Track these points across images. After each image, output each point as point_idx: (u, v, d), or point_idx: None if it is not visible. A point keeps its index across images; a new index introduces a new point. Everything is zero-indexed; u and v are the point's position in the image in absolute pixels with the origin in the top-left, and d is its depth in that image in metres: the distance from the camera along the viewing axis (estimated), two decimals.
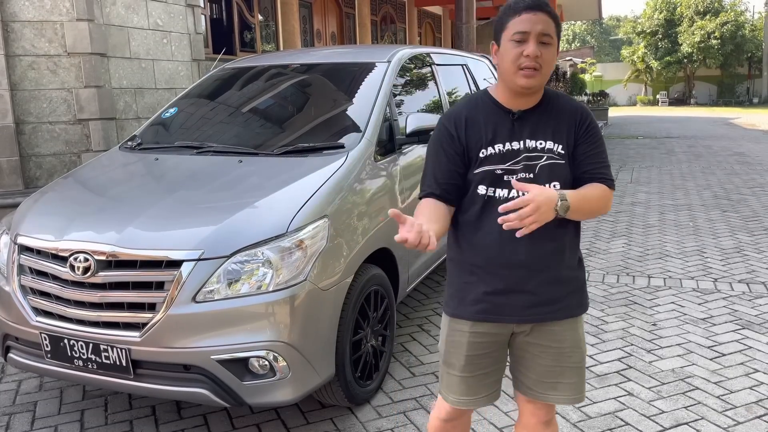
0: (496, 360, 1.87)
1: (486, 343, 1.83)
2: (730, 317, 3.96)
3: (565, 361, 1.82)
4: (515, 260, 1.73)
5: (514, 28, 1.66)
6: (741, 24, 38.51)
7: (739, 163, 11.35)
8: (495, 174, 1.73)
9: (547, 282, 1.76)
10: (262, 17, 11.57)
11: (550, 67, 1.69)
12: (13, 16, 5.30)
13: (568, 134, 1.75)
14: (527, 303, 1.76)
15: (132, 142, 3.64)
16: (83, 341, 2.47)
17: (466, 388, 1.87)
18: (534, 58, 1.64)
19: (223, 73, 4.14)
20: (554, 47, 1.69)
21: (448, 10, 20.63)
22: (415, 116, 3.42)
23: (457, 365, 1.85)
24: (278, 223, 2.50)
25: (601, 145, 1.78)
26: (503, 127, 1.74)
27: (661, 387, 3.08)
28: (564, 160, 1.74)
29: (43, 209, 2.93)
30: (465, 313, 1.82)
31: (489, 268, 1.76)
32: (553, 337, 1.81)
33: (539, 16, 1.65)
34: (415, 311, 4.17)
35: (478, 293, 1.79)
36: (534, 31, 1.64)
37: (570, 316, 1.82)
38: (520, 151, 1.73)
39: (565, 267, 1.79)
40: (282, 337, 2.39)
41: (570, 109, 1.78)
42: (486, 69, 5.55)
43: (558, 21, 1.71)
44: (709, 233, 6.14)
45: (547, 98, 1.78)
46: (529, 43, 1.64)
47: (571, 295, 1.81)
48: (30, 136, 5.50)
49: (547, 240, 1.72)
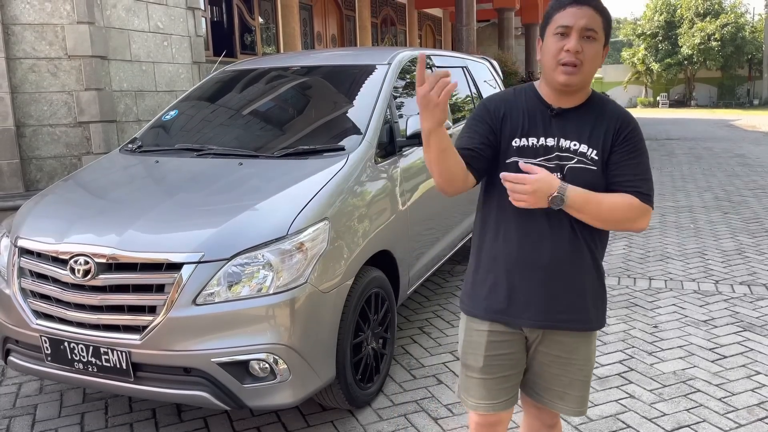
0: (516, 363, 1.81)
1: (506, 343, 1.78)
2: (732, 319, 3.95)
3: (576, 373, 1.79)
4: (537, 262, 1.68)
5: (557, 21, 1.61)
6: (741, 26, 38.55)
7: (739, 164, 11.34)
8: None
9: (567, 288, 1.71)
10: (263, 20, 11.58)
11: (593, 65, 1.62)
12: (13, 19, 5.30)
13: (605, 140, 1.67)
14: (543, 307, 1.71)
15: (132, 145, 3.64)
16: (83, 344, 2.46)
17: (485, 392, 1.81)
18: (575, 53, 1.58)
19: (224, 75, 4.15)
20: (599, 43, 1.62)
21: (448, 12, 20.66)
22: (416, 118, 3.41)
23: (475, 367, 1.80)
24: (279, 226, 2.50)
25: (640, 156, 1.68)
26: (540, 121, 1.69)
27: (663, 389, 3.07)
28: (596, 167, 1.66)
29: (44, 212, 2.93)
30: (480, 312, 1.78)
31: (509, 268, 1.72)
32: (564, 348, 1.77)
33: (584, 10, 1.59)
34: (415, 313, 4.17)
35: (494, 294, 1.75)
36: (577, 26, 1.58)
37: (586, 329, 1.76)
38: (553, 149, 1.67)
39: (586, 276, 1.73)
40: (282, 339, 2.39)
41: (613, 115, 1.70)
42: (486, 71, 5.55)
43: (607, 16, 1.63)
44: (710, 235, 6.13)
45: (592, 100, 1.72)
46: (571, 38, 1.58)
47: (590, 308, 1.75)
48: (30, 139, 5.50)
49: (571, 245, 1.68)
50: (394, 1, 17.07)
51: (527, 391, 1.88)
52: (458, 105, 4.60)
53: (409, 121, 3.37)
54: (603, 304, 1.80)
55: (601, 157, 1.67)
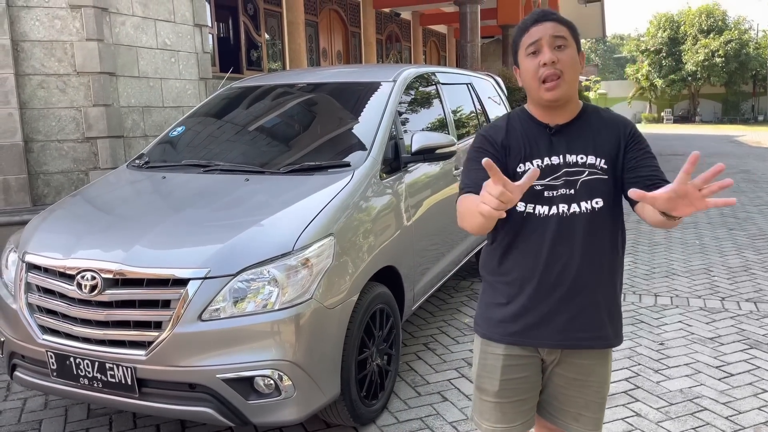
0: (532, 386, 1.78)
1: (521, 366, 1.75)
2: (738, 336, 3.93)
3: (592, 395, 1.77)
4: (553, 281, 1.66)
5: (526, 42, 1.64)
6: (745, 42, 38.65)
7: (745, 180, 11.32)
8: (534, 190, 1.64)
9: (585, 306, 1.68)
10: (269, 36, 11.69)
11: (573, 71, 1.63)
12: (23, 35, 5.38)
13: (611, 147, 1.66)
14: (561, 327, 1.68)
15: (140, 161, 3.67)
16: (89, 359, 2.47)
17: (501, 416, 1.77)
18: (551, 63, 1.59)
19: (231, 92, 4.18)
20: (572, 49, 1.63)
21: (452, 29, 20.80)
22: (421, 135, 3.43)
23: (490, 391, 1.77)
24: (284, 242, 2.51)
25: (650, 151, 1.68)
26: (541, 142, 1.68)
27: (670, 407, 3.05)
28: (607, 176, 1.65)
29: (51, 227, 2.95)
30: (496, 335, 1.76)
31: (524, 288, 1.69)
32: (581, 370, 1.75)
33: (546, 24, 1.62)
34: (420, 330, 4.16)
35: (509, 315, 1.72)
36: (545, 38, 1.61)
37: (606, 346, 1.74)
38: (560, 166, 1.66)
39: (603, 292, 1.70)
40: (287, 355, 2.39)
41: (612, 122, 1.71)
42: (491, 88, 5.59)
43: (571, 25, 1.65)
44: (715, 251, 6.11)
45: (585, 112, 1.72)
46: (544, 51, 1.60)
47: (607, 324, 1.72)
48: (38, 154, 5.55)
49: (585, 261, 1.66)
50: (398, 18, 17.21)
51: (541, 412, 1.86)
52: (462, 121, 4.62)
53: (415, 138, 3.39)
54: (620, 319, 1.78)
55: (611, 166, 1.66)
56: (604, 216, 1.67)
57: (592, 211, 1.65)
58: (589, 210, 1.65)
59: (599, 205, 1.65)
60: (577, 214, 1.65)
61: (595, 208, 1.65)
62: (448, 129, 4.22)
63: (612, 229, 1.70)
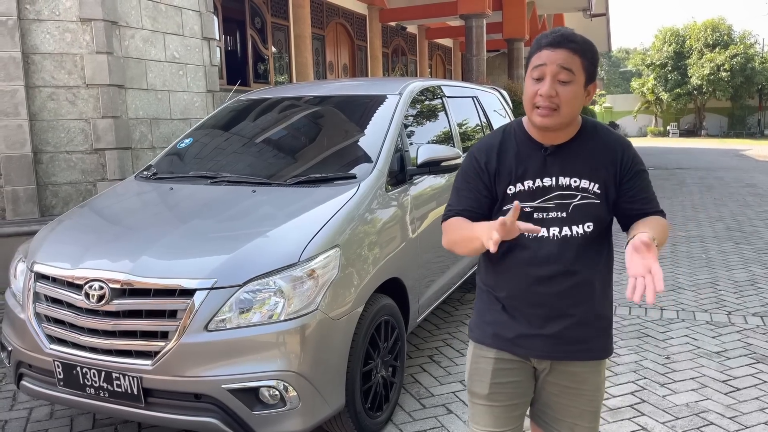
0: (523, 391, 1.80)
1: (512, 371, 1.77)
2: (745, 351, 3.91)
3: (586, 404, 1.77)
4: (540, 301, 1.68)
5: (533, 64, 1.60)
6: (751, 56, 38.62)
7: (751, 194, 11.29)
8: (524, 212, 1.66)
9: (574, 322, 1.70)
10: (276, 49, 11.79)
11: (570, 107, 1.59)
12: (34, 48, 5.45)
13: (607, 172, 1.66)
14: (548, 341, 1.71)
15: (147, 172, 3.70)
16: (96, 369, 2.48)
17: (492, 420, 1.79)
18: (547, 98, 1.57)
19: (238, 104, 4.22)
20: (576, 85, 1.58)
21: (458, 42, 20.93)
22: (426, 147, 3.45)
23: (481, 394, 1.79)
24: (290, 253, 2.53)
25: (644, 174, 1.70)
26: (534, 163, 1.67)
27: (676, 421, 3.04)
28: (599, 200, 1.66)
29: (60, 237, 2.98)
30: (487, 340, 1.79)
31: (514, 304, 1.73)
32: (573, 378, 1.75)
33: (558, 53, 1.56)
34: (425, 342, 4.16)
35: (502, 323, 1.75)
36: (550, 69, 1.56)
37: (593, 359, 1.75)
38: (552, 189, 1.66)
39: (593, 307, 1.71)
40: (292, 366, 2.40)
41: (609, 145, 1.68)
42: (496, 101, 5.61)
43: (587, 54, 1.59)
44: (722, 265, 6.09)
45: (584, 132, 1.69)
46: (545, 82, 1.57)
47: (596, 337, 1.74)
48: (47, 165, 5.60)
49: (576, 274, 1.67)
50: (405, 32, 17.33)
51: (537, 420, 1.87)
52: (468, 134, 4.65)
53: (420, 150, 3.41)
54: (609, 333, 1.79)
55: (604, 191, 1.66)
56: (594, 238, 1.69)
57: (583, 234, 1.66)
58: (581, 234, 1.66)
59: (590, 229, 1.67)
60: (569, 237, 1.66)
61: (586, 232, 1.67)
62: (454, 142, 4.25)
63: (600, 249, 1.72)
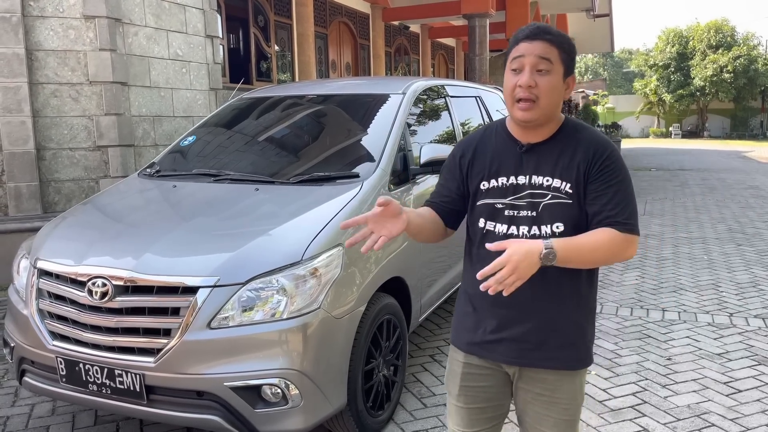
0: (493, 396, 1.77)
1: (479, 376, 1.76)
2: (747, 353, 3.91)
3: (561, 413, 1.70)
4: (507, 300, 1.57)
5: (512, 56, 1.61)
6: (754, 58, 38.56)
7: (753, 196, 11.28)
8: (495, 208, 1.67)
9: (539, 327, 1.65)
10: (279, 47, 11.78)
11: (550, 99, 1.58)
12: (37, 45, 5.45)
13: (578, 171, 1.61)
14: (512, 345, 1.67)
15: (150, 169, 3.70)
16: (98, 366, 2.48)
17: (460, 419, 1.81)
18: (527, 87, 1.56)
19: (241, 102, 4.22)
20: (554, 75, 1.58)
21: (461, 42, 20.90)
22: (429, 147, 3.46)
23: (453, 393, 1.82)
24: (293, 251, 2.53)
25: (619, 184, 1.59)
26: (510, 160, 1.67)
27: (677, 423, 3.04)
28: (572, 200, 1.61)
29: (63, 234, 2.98)
30: (459, 343, 1.81)
31: (483, 303, 1.71)
32: (545, 385, 1.69)
33: (535, 44, 1.57)
34: (427, 341, 4.16)
35: (471, 326, 1.75)
36: (528, 60, 1.57)
37: (562, 368, 1.68)
38: (525, 187, 1.64)
39: (565, 316, 1.66)
40: (295, 365, 2.40)
41: (586, 144, 1.63)
42: (499, 100, 5.61)
43: (564, 46, 1.59)
44: (723, 267, 6.09)
45: (564, 131, 1.66)
46: (524, 73, 1.57)
47: (568, 347, 1.67)
48: (50, 162, 5.61)
49: (547, 280, 1.61)
50: (407, 31, 17.32)
51: (520, 426, 1.84)
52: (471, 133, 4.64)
53: (423, 149, 3.41)
54: (585, 340, 1.71)
55: (576, 190, 1.61)
56: None
57: (552, 235, 1.61)
58: (549, 234, 1.61)
59: (560, 229, 1.61)
60: (538, 236, 1.61)
61: (555, 233, 1.61)
62: (457, 141, 4.24)
63: None
